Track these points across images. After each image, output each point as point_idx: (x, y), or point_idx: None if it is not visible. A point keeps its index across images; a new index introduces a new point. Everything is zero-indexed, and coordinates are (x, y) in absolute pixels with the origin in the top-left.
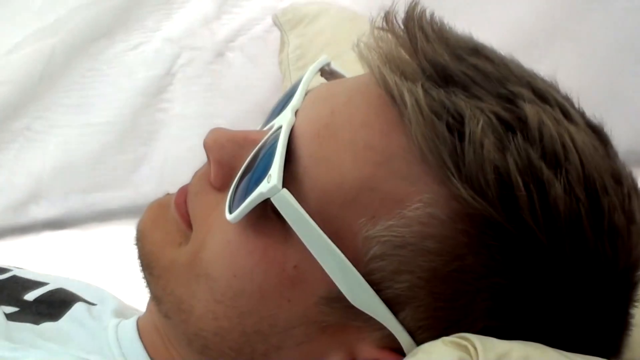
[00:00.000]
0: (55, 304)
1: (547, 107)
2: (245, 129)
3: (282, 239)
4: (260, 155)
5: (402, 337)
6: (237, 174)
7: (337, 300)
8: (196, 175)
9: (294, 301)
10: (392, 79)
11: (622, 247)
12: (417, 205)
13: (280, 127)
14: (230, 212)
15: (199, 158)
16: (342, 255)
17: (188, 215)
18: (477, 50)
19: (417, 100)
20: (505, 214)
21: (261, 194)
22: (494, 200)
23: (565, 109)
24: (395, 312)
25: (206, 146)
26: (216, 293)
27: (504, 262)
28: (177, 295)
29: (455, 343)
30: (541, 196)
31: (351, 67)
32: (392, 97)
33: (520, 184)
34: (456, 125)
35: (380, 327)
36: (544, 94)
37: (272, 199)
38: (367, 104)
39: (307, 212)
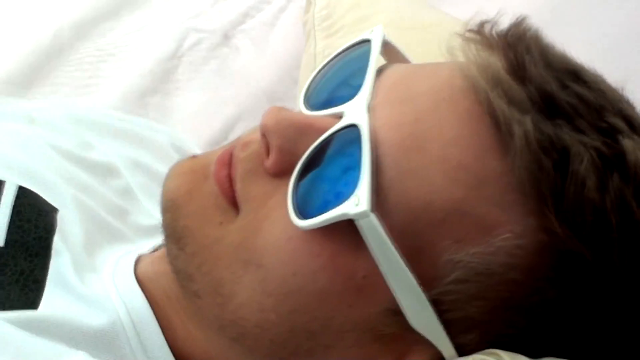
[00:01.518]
0: (25, 255)
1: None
2: (301, 112)
3: (353, 247)
4: (331, 152)
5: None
6: (297, 163)
7: (401, 313)
8: (244, 149)
9: (355, 307)
10: (500, 106)
11: None
12: (507, 235)
13: (353, 126)
14: (299, 214)
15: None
16: (414, 280)
17: (233, 192)
18: (577, 75)
19: (525, 134)
20: (596, 254)
21: (345, 214)
22: (587, 239)
23: None
24: (456, 334)
25: (266, 128)
26: (268, 285)
27: (587, 299)
28: (216, 277)
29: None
30: (633, 239)
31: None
32: (497, 123)
33: (615, 226)
34: (561, 161)
35: (434, 346)
36: (634, 124)
37: (357, 222)
38: (458, 117)
39: (389, 228)
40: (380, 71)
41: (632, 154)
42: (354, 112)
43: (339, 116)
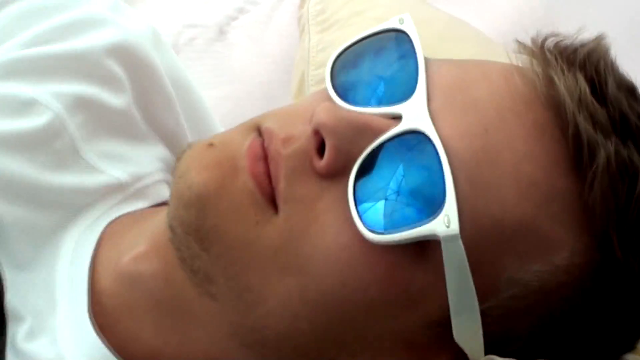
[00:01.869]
0: None
1: None
2: (360, 113)
3: (413, 258)
4: (395, 158)
5: None
6: (351, 165)
7: (444, 326)
8: (286, 145)
9: (399, 319)
10: (587, 129)
11: None
12: (566, 254)
13: (418, 132)
14: (366, 225)
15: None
16: (475, 300)
17: (272, 189)
18: (635, 93)
19: (608, 158)
20: None
21: (432, 234)
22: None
23: None
24: (491, 344)
25: (324, 127)
26: (308, 294)
27: (615, 310)
28: (243, 281)
29: None
30: None
31: (372, 25)
32: (577, 144)
33: None
34: (631, 185)
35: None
36: None
37: (443, 243)
38: (527, 131)
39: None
40: (427, 65)
41: None
42: (414, 115)
43: (395, 116)
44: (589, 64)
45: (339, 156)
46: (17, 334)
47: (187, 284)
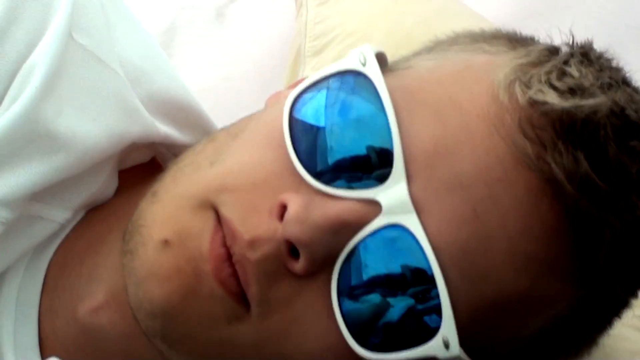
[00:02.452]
0: None
1: None
2: (334, 205)
3: None
4: (377, 259)
5: None
6: (329, 262)
7: None
8: (252, 248)
9: None
10: (589, 213)
11: None
12: (566, 303)
13: (401, 227)
14: (357, 339)
15: None
16: None
17: (241, 290)
18: (629, 123)
19: (613, 235)
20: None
21: (432, 355)
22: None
23: None
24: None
25: (300, 243)
26: None
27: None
28: None
29: None
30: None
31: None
32: (581, 226)
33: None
34: (636, 244)
35: None
36: None
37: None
38: (519, 203)
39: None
40: (400, 126)
41: None
42: (394, 204)
43: (371, 201)
44: (587, 134)
45: (317, 263)
46: None
47: (149, 347)
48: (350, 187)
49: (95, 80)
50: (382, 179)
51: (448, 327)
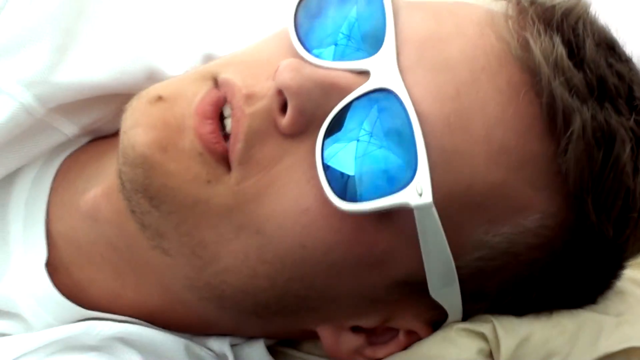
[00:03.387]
0: None
1: None
2: (326, 70)
3: (379, 222)
4: (363, 119)
5: (453, 321)
6: (317, 124)
7: (410, 284)
8: (248, 103)
9: (362, 278)
10: (562, 95)
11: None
12: (537, 216)
13: (387, 91)
14: (335, 192)
15: None
16: (451, 259)
17: (223, 149)
18: (614, 49)
19: (584, 124)
20: (616, 233)
21: (405, 204)
22: (614, 220)
23: None
24: (465, 303)
25: (288, 88)
26: (265, 253)
27: (585, 266)
28: (197, 238)
29: (471, 331)
30: None
31: None
32: (551, 110)
33: (638, 205)
34: (608, 149)
35: (439, 311)
36: None
37: (415, 210)
38: (500, 92)
39: None
40: (396, 13)
41: None
42: (383, 71)
43: (362, 71)
44: (566, 24)
45: (303, 117)
46: None
47: (140, 236)
48: (342, 60)
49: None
50: (373, 52)
51: (422, 176)
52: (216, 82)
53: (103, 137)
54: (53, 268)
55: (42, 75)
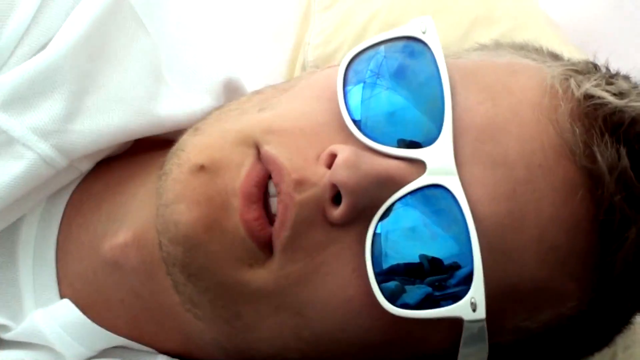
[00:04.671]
0: None
1: None
2: (382, 161)
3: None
4: (415, 216)
5: None
6: (367, 214)
7: (435, 357)
8: (298, 189)
9: (392, 356)
10: (620, 208)
11: None
12: (574, 304)
13: (443, 188)
14: (384, 294)
15: None
16: (487, 348)
17: (266, 236)
18: None
19: (638, 234)
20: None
21: (458, 317)
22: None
23: None
24: None
25: (345, 186)
26: (302, 332)
27: (605, 327)
28: (233, 311)
29: None
30: None
31: None
32: (611, 220)
33: None
34: None
35: None
36: None
37: (465, 322)
38: (555, 191)
39: None
40: (453, 97)
41: None
42: (440, 166)
43: (417, 160)
44: (634, 132)
45: (356, 212)
46: None
47: (171, 291)
48: (397, 146)
49: (132, 43)
50: (430, 141)
51: (477, 290)
52: (259, 151)
53: (109, 158)
54: None
55: (59, 124)
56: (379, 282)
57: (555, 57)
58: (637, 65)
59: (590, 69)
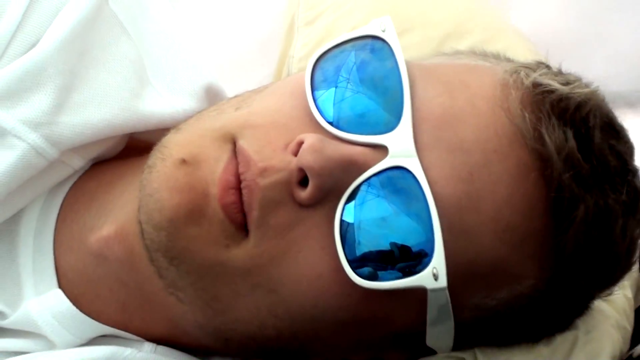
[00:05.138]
0: None
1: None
2: (346, 146)
3: (388, 292)
4: (379, 196)
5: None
6: (333, 196)
7: (405, 336)
8: (264, 175)
9: (362, 333)
10: (569, 185)
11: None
12: (532, 282)
13: (404, 169)
14: (353, 267)
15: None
16: (453, 323)
17: (242, 218)
18: (619, 134)
19: (586, 210)
20: (601, 289)
21: (421, 286)
22: (601, 282)
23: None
24: (454, 343)
25: (311, 170)
26: (277, 309)
27: (563, 307)
28: (212, 292)
29: (454, 357)
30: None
31: None
32: (561, 198)
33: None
34: (604, 227)
35: (428, 350)
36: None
37: (428, 291)
38: (509, 174)
39: None
40: (412, 89)
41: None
42: (401, 150)
43: (379, 146)
44: (579, 116)
45: (322, 193)
46: None
47: (154, 277)
48: (360, 133)
49: (115, 46)
50: (392, 129)
51: (438, 261)
52: (235, 146)
53: (104, 160)
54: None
55: (48, 116)
56: (346, 257)
57: (510, 60)
58: (599, 71)
59: (540, 65)
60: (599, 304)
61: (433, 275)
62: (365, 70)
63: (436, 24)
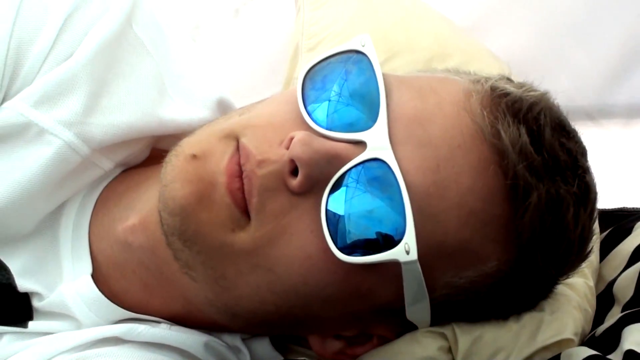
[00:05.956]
0: None
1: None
2: (331, 142)
3: (368, 266)
4: (360, 183)
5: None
6: (320, 185)
7: (389, 309)
8: (260, 166)
9: (349, 307)
10: (523, 175)
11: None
12: (495, 263)
13: (381, 161)
14: (337, 244)
15: None
16: (427, 296)
17: (245, 203)
18: (567, 131)
19: (539, 198)
20: (557, 271)
21: (395, 260)
22: (556, 264)
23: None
24: (432, 318)
25: (300, 160)
26: (274, 286)
27: (527, 287)
28: (220, 271)
29: (434, 332)
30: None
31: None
32: (516, 186)
33: (575, 250)
34: (556, 213)
35: (409, 324)
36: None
37: (402, 265)
38: (471, 166)
39: None
40: (387, 93)
41: (594, 193)
42: (377, 144)
43: (359, 142)
44: (531, 115)
45: (310, 181)
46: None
47: (171, 260)
48: (343, 132)
49: (139, 63)
50: (369, 127)
51: (409, 237)
52: (238, 143)
53: (132, 167)
54: (96, 279)
55: (80, 117)
56: (332, 238)
57: (473, 75)
58: (563, 87)
59: (502, 77)
60: (563, 290)
61: (405, 250)
62: (348, 78)
63: (422, 48)
